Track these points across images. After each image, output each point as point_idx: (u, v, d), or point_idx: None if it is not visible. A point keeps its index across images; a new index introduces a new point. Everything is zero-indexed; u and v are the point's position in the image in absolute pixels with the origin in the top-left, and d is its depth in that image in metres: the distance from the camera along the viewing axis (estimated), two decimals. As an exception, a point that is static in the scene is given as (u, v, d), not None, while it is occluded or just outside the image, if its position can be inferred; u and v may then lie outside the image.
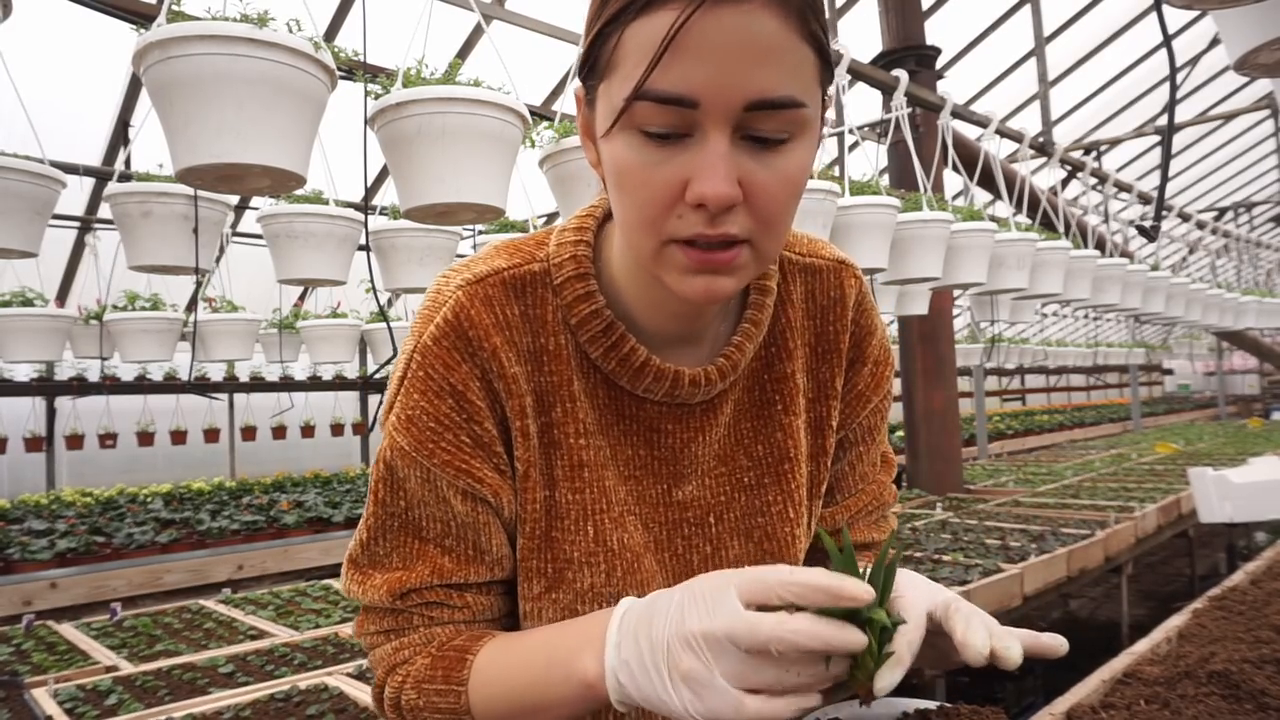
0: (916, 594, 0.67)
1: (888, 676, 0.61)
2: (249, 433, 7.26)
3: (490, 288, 0.75)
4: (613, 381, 0.78)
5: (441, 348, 0.73)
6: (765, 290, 0.82)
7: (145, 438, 6.66)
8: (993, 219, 4.00)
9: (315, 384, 7.37)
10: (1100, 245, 5.47)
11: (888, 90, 3.65)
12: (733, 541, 0.83)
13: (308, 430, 7.53)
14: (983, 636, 0.63)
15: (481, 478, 0.75)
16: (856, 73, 3.41)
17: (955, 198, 5.82)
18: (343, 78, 2.02)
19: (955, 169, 4.57)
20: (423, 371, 0.73)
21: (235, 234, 5.36)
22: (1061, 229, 4.83)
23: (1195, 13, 1.62)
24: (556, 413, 0.77)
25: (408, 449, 0.73)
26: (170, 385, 6.49)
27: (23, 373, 6.16)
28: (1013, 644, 0.63)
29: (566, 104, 2.57)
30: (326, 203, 2.93)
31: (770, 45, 0.59)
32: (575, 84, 0.72)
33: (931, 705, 0.99)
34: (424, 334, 0.74)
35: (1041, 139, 4.84)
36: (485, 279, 0.75)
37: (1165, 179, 3.22)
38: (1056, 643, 0.66)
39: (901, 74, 3.61)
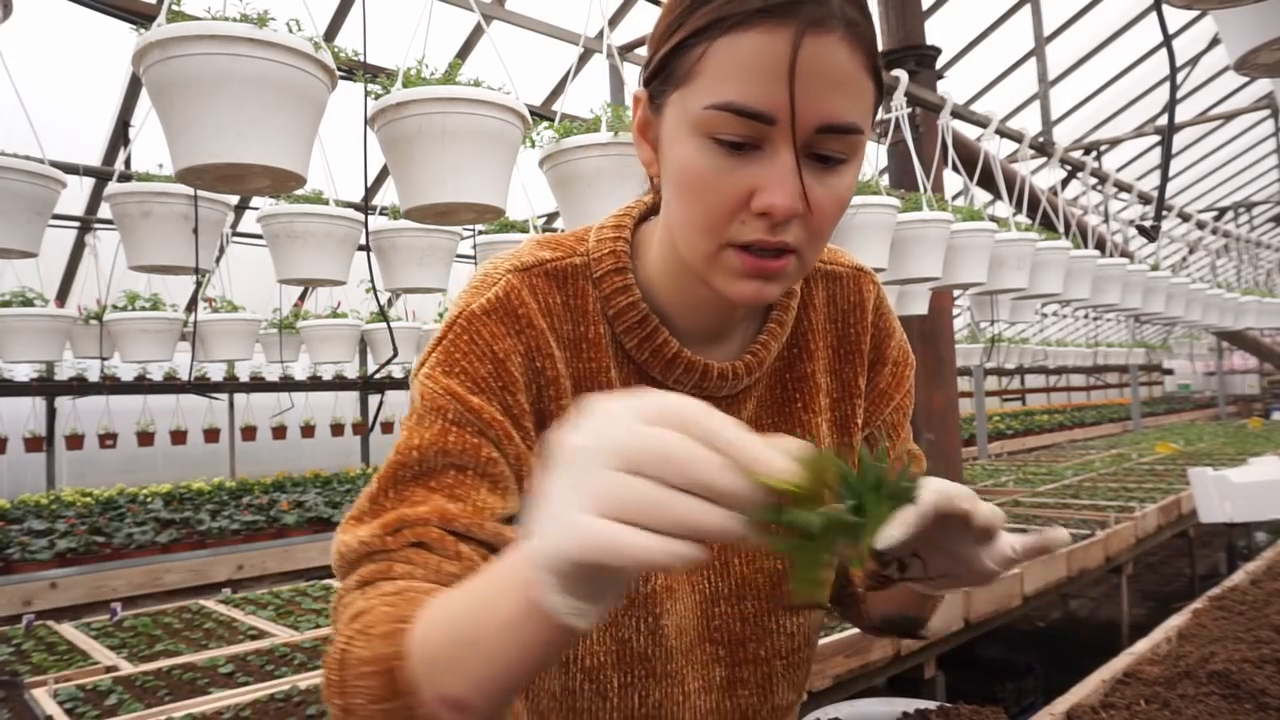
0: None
1: (890, 531, 0.54)
2: (249, 433, 7.26)
3: (535, 277, 0.79)
4: (644, 372, 0.82)
5: (492, 319, 0.76)
6: (790, 294, 0.87)
7: (145, 438, 6.66)
8: (993, 219, 4.00)
9: (315, 384, 7.37)
10: (1100, 245, 5.47)
11: (887, 90, 3.65)
12: None
13: (308, 430, 7.53)
14: (991, 508, 0.62)
15: (511, 435, 0.75)
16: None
17: (955, 198, 5.82)
18: (343, 78, 2.02)
19: (955, 169, 4.57)
20: (467, 335, 0.75)
21: (235, 234, 5.36)
22: (1061, 229, 4.83)
23: (1195, 13, 1.62)
24: (593, 398, 0.77)
25: (441, 391, 0.73)
26: (170, 385, 6.49)
27: (23, 373, 6.15)
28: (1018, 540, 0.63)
29: (567, 104, 2.57)
30: (326, 203, 2.93)
31: (844, 75, 0.65)
32: (638, 87, 0.75)
33: (931, 705, 1.00)
34: (471, 304, 0.77)
35: (1041, 139, 4.84)
36: (531, 268, 0.80)
37: (1165, 179, 3.22)
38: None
39: (901, 74, 3.61)
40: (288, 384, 7.09)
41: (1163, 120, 6.56)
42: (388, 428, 8.13)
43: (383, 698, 0.57)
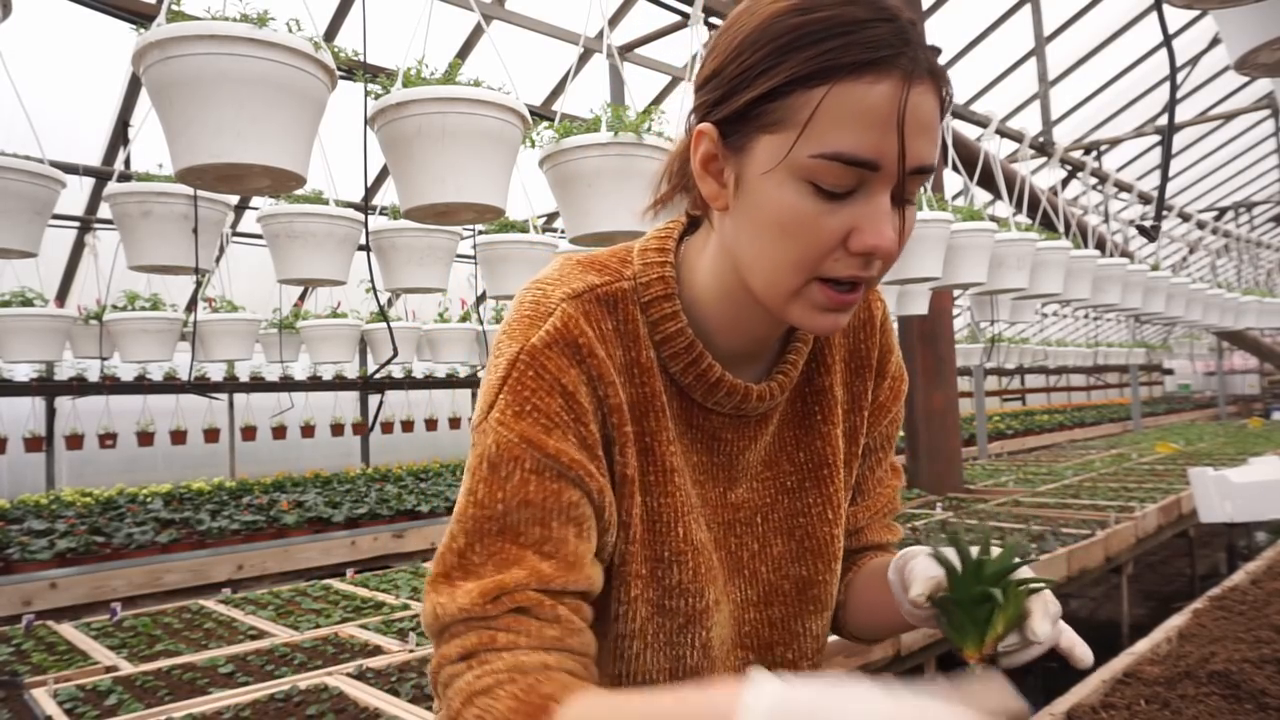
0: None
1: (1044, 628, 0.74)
2: (249, 433, 7.26)
3: (588, 303, 0.79)
4: (685, 393, 0.84)
5: (554, 351, 0.76)
6: None
7: (145, 438, 6.66)
8: (993, 219, 4.00)
9: (315, 384, 7.37)
10: (1100, 245, 5.47)
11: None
12: (776, 540, 0.90)
13: (308, 430, 7.53)
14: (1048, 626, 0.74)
15: (591, 471, 0.76)
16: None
17: (955, 198, 5.82)
18: (343, 78, 2.02)
19: (955, 169, 4.57)
20: (533, 371, 0.75)
21: (235, 234, 5.36)
22: (1061, 229, 4.83)
23: (1195, 13, 1.63)
24: (649, 422, 0.81)
25: (517, 440, 0.73)
26: (170, 385, 6.49)
27: (23, 373, 6.16)
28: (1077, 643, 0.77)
29: (567, 104, 2.57)
30: (326, 203, 2.93)
31: (931, 121, 0.70)
32: (694, 120, 0.76)
33: (932, 705, 1.00)
34: (530, 338, 0.76)
35: (1041, 139, 4.84)
36: (583, 295, 0.79)
37: (1165, 179, 3.21)
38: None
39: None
40: (288, 384, 7.09)
41: (1163, 120, 6.57)
42: (388, 428, 8.13)
43: None
